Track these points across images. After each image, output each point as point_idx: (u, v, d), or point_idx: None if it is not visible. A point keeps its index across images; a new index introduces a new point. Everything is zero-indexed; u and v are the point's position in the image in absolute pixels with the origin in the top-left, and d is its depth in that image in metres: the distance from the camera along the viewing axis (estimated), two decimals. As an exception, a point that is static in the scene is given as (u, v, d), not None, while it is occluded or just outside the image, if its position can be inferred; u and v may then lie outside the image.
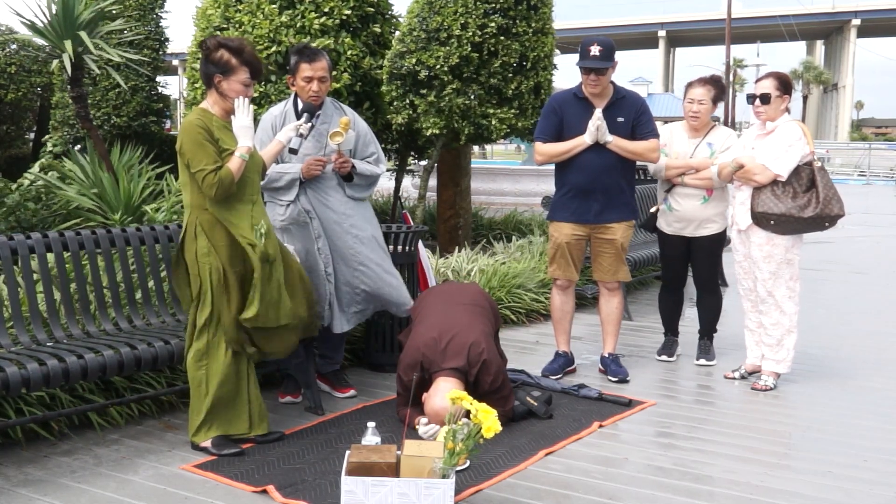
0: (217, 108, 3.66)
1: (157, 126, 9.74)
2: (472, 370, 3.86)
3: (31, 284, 3.84)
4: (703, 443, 3.91)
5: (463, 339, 3.90)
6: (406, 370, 3.93)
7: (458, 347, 3.87)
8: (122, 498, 3.23)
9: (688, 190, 5.00)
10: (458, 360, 3.84)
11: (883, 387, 4.83)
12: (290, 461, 3.57)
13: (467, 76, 6.82)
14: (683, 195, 5.03)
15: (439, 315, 4.05)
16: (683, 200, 5.03)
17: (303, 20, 6.64)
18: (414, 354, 3.92)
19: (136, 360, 3.63)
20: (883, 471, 3.60)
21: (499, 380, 3.93)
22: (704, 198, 4.98)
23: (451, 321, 4.00)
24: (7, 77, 10.96)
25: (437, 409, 3.69)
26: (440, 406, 3.65)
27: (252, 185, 3.70)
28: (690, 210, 5.02)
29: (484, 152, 30.79)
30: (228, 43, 3.64)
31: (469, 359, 3.85)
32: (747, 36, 61.21)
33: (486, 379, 3.89)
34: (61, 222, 6.27)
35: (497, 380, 3.92)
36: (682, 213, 5.04)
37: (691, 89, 5.03)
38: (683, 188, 5.01)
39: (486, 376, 3.89)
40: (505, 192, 12.04)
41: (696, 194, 4.99)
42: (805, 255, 4.86)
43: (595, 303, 5.54)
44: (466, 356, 3.85)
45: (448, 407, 3.34)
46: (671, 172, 5.03)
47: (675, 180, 5.04)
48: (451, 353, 3.86)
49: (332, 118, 4.34)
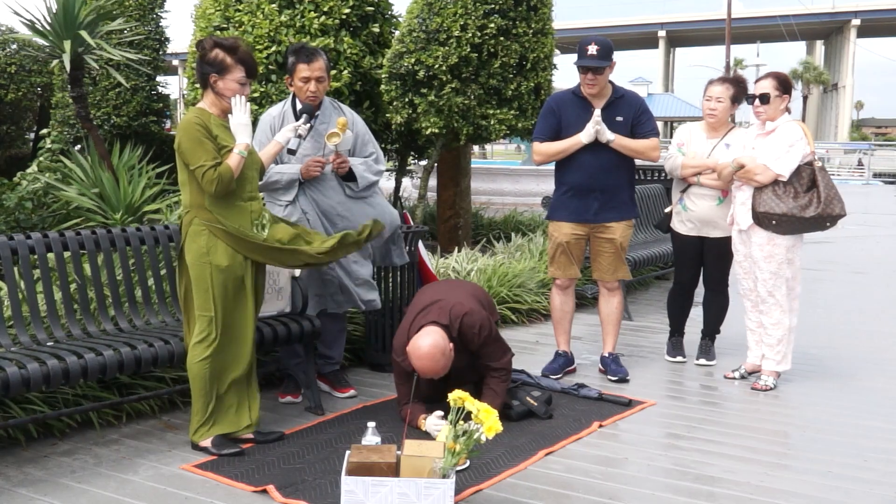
0: (214, 108, 3.67)
1: (157, 126, 9.74)
2: (453, 326, 3.90)
3: (31, 284, 3.84)
4: (703, 443, 3.91)
5: (445, 303, 3.97)
6: (398, 350, 3.97)
7: (439, 309, 3.94)
8: (122, 498, 3.23)
9: (703, 190, 4.99)
10: (439, 316, 3.90)
11: (883, 387, 4.83)
12: (290, 461, 3.57)
13: (466, 76, 6.82)
14: (699, 195, 5.01)
15: (428, 298, 4.10)
16: (699, 201, 5.02)
17: (302, 20, 6.65)
18: (401, 335, 3.97)
19: (136, 360, 3.63)
20: (883, 471, 3.60)
21: (486, 330, 3.97)
22: (719, 199, 4.97)
23: (439, 296, 4.06)
24: (7, 77, 10.95)
25: (414, 350, 3.77)
26: (414, 347, 3.76)
27: (251, 183, 3.71)
28: (705, 211, 5.01)
29: (484, 152, 30.78)
30: (223, 42, 3.64)
31: (450, 316, 3.91)
32: (747, 36, 61.18)
33: (471, 333, 3.93)
34: (61, 222, 6.26)
35: (484, 331, 3.96)
36: (697, 213, 5.03)
37: (710, 87, 5.00)
38: (699, 188, 5.00)
39: (471, 330, 3.92)
40: (505, 192, 12.03)
41: (712, 195, 4.98)
42: (805, 255, 4.86)
43: (595, 303, 5.54)
44: (448, 314, 3.91)
45: (424, 351, 3.67)
46: (687, 172, 5.02)
47: (690, 180, 5.03)
48: (433, 313, 3.92)
49: (331, 118, 4.33)
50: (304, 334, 4.14)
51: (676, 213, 5.16)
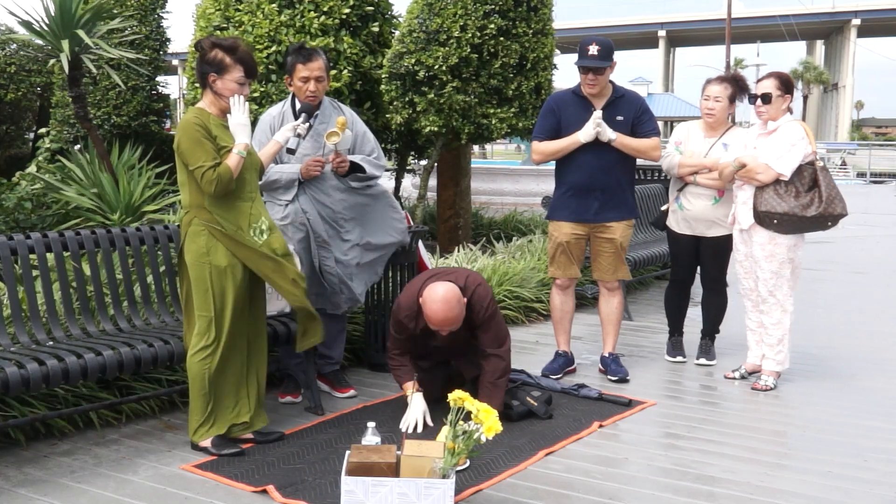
0: (214, 108, 3.66)
1: (157, 126, 9.73)
2: (468, 289, 4.00)
3: (30, 284, 3.84)
4: (703, 443, 3.91)
5: (460, 273, 4.13)
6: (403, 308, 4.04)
7: (454, 274, 4.08)
8: (122, 498, 3.23)
9: (699, 190, 4.99)
10: (455, 279, 4.00)
11: (883, 387, 4.83)
12: (290, 461, 3.57)
13: (466, 76, 6.82)
14: (695, 195, 5.01)
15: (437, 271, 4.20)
16: (695, 200, 5.02)
17: (302, 20, 6.65)
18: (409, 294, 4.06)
19: (136, 360, 3.62)
20: (883, 471, 3.60)
21: (493, 307, 4.08)
22: (715, 198, 4.97)
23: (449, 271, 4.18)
24: (7, 77, 10.94)
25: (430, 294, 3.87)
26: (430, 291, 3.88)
27: (251, 183, 3.70)
28: (701, 210, 5.01)
29: (484, 152, 30.75)
30: (222, 42, 3.64)
31: (466, 282, 4.03)
32: (747, 36, 61.21)
33: (480, 305, 4.02)
34: (60, 222, 6.26)
35: (491, 307, 4.06)
36: (693, 212, 5.03)
37: (709, 86, 5.01)
38: (695, 188, 5.00)
39: (481, 302, 4.02)
40: (505, 192, 12.03)
41: (708, 194, 4.98)
42: (805, 255, 4.85)
43: (595, 303, 5.54)
44: (465, 279, 4.04)
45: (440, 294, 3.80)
46: (683, 171, 5.02)
47: (687, 179, 5.03)
48: (449, 276, 4.03)
49: (331, 118, 4.33)
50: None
51: (673, 211, 5.16)
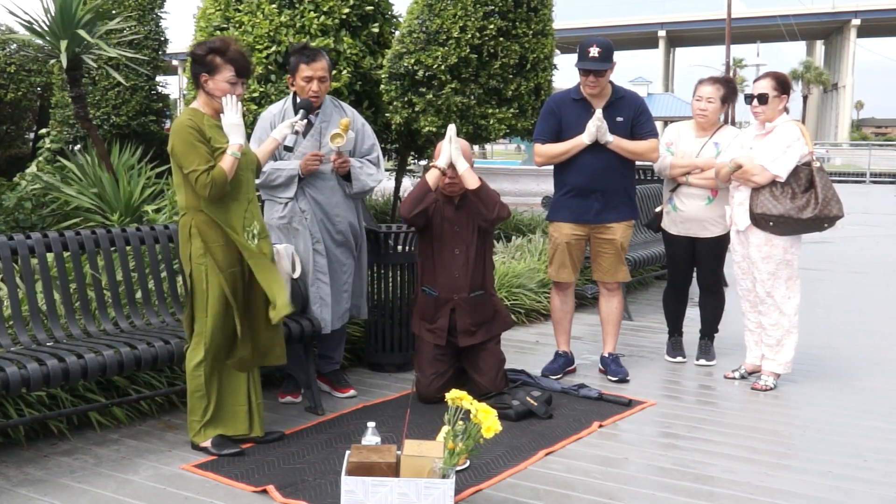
0: (207, 108, 3.65)
1: (156, 126, 9.74)
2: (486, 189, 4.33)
3: (31, 284, 3.84)
4: (703, 443, 3.91)
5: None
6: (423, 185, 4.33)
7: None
8: (122, 498, 3.23)
9: (692, 190, 4.99)
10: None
11: (883, 387, 4.83)
12: (290, 461, 3.57)
13: (466, 77, 6.82)
14: (688, 195, 5.01)
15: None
16: (688, 200, 5.02)
17: (302, 20, 6.65)
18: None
19: (136, 360, 3.62)
20: (883, 471, 3.60)
21: (505, 211, 4.35)
22: (709, 198, 4.97)
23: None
24: (7, 77, 10.94)
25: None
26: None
27: (247, 184, 3.69)
28: (694, 210, 5.01)
29: (484, 152, 30.75)
30: (213, 43, 3.64)
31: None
32: (747, 36, 61.20)
33: (490, 203, 4.30)
34: (60, 222, 6.26)
35: (503, 211, 4.34)
36: (687, 213, 5.03)
37: (700, 87, 5.00)
38: (688, 188, 5.00)
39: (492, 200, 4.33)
40: (505, 192, 11.99)
41: (701, 195, 4.98)
42: (805, 255, 4.86)
43: (595, 303, 5.54)
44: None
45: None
46: (675, 171, 5.02)
47: (679, 179, 5.03)
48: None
49: (332, 117, 4.33)
50: (304, 334, 4.14)
51: (666, 213, 5.16)
